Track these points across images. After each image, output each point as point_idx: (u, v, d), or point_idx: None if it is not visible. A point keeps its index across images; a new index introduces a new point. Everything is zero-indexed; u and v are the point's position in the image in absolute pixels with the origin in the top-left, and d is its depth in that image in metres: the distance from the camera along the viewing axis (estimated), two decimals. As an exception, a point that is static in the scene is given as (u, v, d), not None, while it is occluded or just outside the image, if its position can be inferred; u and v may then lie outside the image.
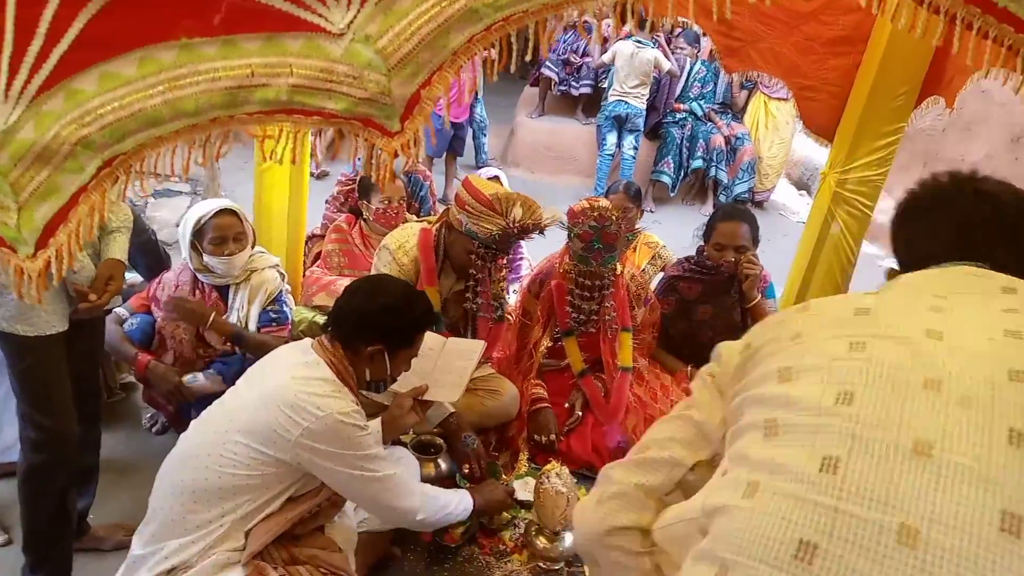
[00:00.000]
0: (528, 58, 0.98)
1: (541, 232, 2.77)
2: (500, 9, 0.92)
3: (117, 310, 2.96)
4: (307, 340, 2.14)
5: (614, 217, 2.80)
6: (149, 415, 3.46)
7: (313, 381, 1.97)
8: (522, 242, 4.17)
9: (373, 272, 2.95)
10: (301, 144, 1.23)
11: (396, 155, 0.99)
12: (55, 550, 2.42)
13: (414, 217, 4.09)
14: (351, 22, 0.94)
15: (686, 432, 1.12)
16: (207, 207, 2.81)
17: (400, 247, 2.87)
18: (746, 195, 7.27)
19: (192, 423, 2.10)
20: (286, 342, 2.92)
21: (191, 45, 0.96)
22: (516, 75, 8.98)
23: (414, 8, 0.93)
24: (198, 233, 2.81)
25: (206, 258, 2.84)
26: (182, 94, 0.97)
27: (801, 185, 8.25)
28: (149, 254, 3.47)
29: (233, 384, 2.16)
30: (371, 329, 2.06)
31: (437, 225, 2.91)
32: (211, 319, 2.83)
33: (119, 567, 2.02)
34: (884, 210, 6.36)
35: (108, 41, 0.96)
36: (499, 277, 3.01)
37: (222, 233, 2.79)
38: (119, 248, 2.40)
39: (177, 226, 3.23)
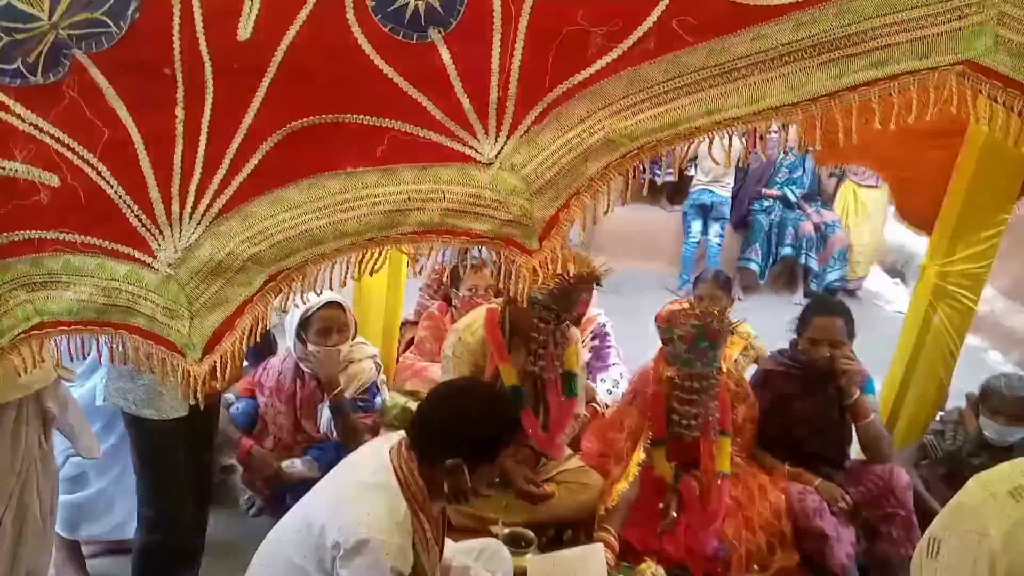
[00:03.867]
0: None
1: (598, 283, 2.81)
2: (635, 139, 1.01)
3: (226, 395, 3.10)
4: (390, 440, 2.09)
5: (716, 312, 2.78)
6: (247, 497, 3.54)
7: (367, 489, 1.92)
8: (610, 332, 4.20)
9: (443, 356, 2.99)
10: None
11: (535, 271, 1.06)
12: (162, 627, 2.50)
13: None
14: (499, 153, 1.04)
15: None
16: (315, 299, 2.94)
17: (467, 327, 2.92)
18: (838, 283, 7.10)
19: (284, 517, 2.13)
20: (371, 429, 3.00)
21: (355, 173, 1.08)
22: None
23: (556, 140, 1.02)
24: (304, 323, 2.94)
25: (310, 347, 2.96)
26: (345, 216, 1.08)
27: (895, 272, 8.01)
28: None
29: (327, 471, 2.20)
30: (450, 441, 1.94)
31: (503, 303, 2.95)
32: (335, 379, 2.93)
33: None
34: (986, 299, 6.02)
35: (282, 170, 1.10)
36: (564, 343, 2.99)
37: (327, 324, 2.91)
38: None
39: (283, 313, 3.38)
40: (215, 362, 1.13)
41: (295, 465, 3.01)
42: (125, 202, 1.12)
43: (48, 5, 1.07)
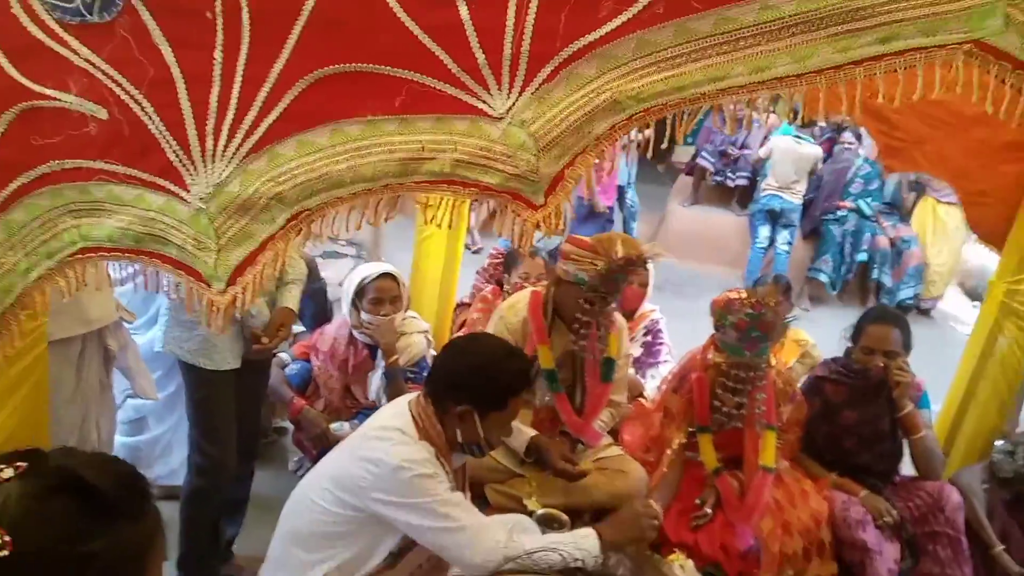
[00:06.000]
0: (664, 145, 1.08)
1: (644, 265, 2.80)
2: (641, 102, 1.04)
3: (281, 355, 3.23)
4: (413, 394, 2.17)
5: (771, 304, 2.76)
6: (296, 459, 3.69)
7: (389, 430, 2.00)
8: (663, 328, 4.18)
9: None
10: (458, 214, 1.41)
11: (538, 225, 1.11)
12: (203, 571, 2.63)
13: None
14: (510, 108, 1.10)
15: None
16: (371, 269, 3.06)
17: (510, 307, 2.97)
18: (911, 301, 6.89)
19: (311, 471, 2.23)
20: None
21: (375, 121, 1.16)
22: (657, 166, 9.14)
23: (565, 98, 1.06)
24: (360, 292, 3.05)
25: (363, 315, 3.07)
26: (363, 162, 1.16)
27: (975, 295, 7.70)
28: (316, 304, 3.77)
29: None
30: (459, 388, 2.01)
31: (547, 286, 2.98)
32: (393, 347, 3.05)
33: (251, 597, 2.15)
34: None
35: (308, 115, 1.19)
36: (608, 327, 3.01)
37: (380, 295, 3.02)
38: (292, 299, 2.66)
39: (340, 285, 3.51)
40: (236, 294, 1.22)
41: (343, 428, 3.11)
42: (164, 137, 1.22)
43: (106, -50, 1.17)
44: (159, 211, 1.27)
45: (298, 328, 3.87)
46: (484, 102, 1.12)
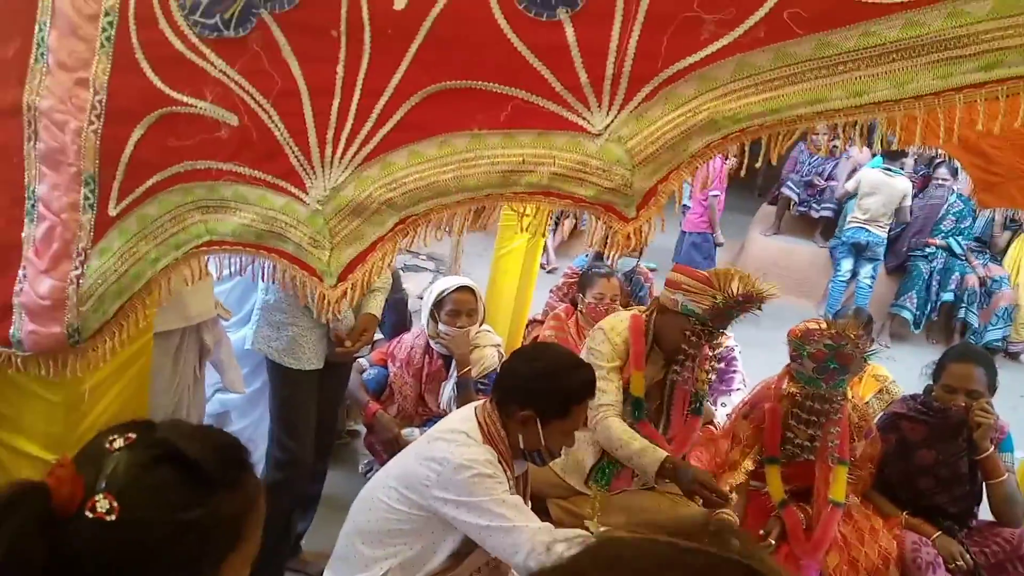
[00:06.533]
0: (750, 166, 1.11)
1: (760, 304, 2.71)
2: (738, 122, 1.08)
3: (360, 360, 3.35)
4: (481, 401, 2.24)
5: (851, 336, 2.71)
6: (366, 461, 3.80)
7: (456, 433, 2.06)
8: (738, 356, 4.15)
9: (584, 352, 3.01)
10: (544, 220, 1.49)
11: (628, 238, 1.16)
12: (274, 561, 2.73)
13: (633, 315, 4.19)
14: (608, 125, 1.15)
15: None
16: (451, 282, 3.16)
17: (613, 328, 2.95)
18: (999, 343, 6.63)
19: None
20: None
21: (480, 135, 1.24)
22: (756, 192, 9.09)
23: (663, 117, 1.11)
24: (438, 303, 3.15)
25: (440, 326, 3.16)
26: (468, 173, 1.24)
27: (1070, 340, 7.35)
28: (397, 314, 3.90)
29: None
30: (524, 393, 2.06)
31: (647, 312, 2.96)
32: (466, 358, 3.15)
33: (317, 590, 2.24)
34: None
35: (419, 127, 1.28)
36: (704, 370, 2.97)
37: (458, 307, 3.11)
38: (376, 306, 2.77)
39: (420, 297, 3.63)
40: (347, 288, 1.32)
41: (414, 433, 3.21)
42: (288, 144, 1.33)
43: (245, -27, 1.29)
44: (280, 210, 1.38)
45: (377, 336, 3.99)
46: (584, 119, 1.18)
